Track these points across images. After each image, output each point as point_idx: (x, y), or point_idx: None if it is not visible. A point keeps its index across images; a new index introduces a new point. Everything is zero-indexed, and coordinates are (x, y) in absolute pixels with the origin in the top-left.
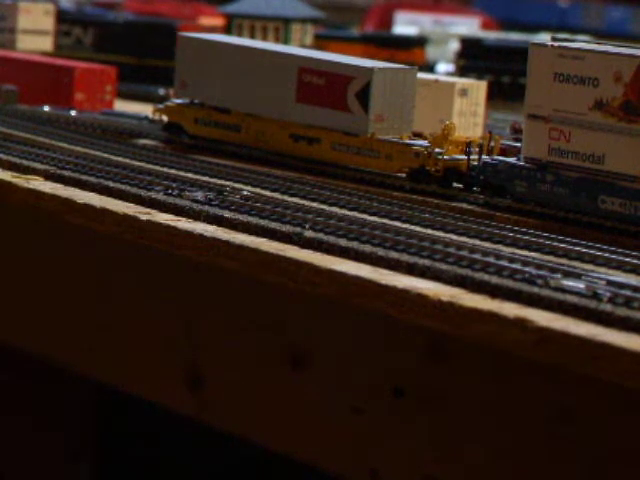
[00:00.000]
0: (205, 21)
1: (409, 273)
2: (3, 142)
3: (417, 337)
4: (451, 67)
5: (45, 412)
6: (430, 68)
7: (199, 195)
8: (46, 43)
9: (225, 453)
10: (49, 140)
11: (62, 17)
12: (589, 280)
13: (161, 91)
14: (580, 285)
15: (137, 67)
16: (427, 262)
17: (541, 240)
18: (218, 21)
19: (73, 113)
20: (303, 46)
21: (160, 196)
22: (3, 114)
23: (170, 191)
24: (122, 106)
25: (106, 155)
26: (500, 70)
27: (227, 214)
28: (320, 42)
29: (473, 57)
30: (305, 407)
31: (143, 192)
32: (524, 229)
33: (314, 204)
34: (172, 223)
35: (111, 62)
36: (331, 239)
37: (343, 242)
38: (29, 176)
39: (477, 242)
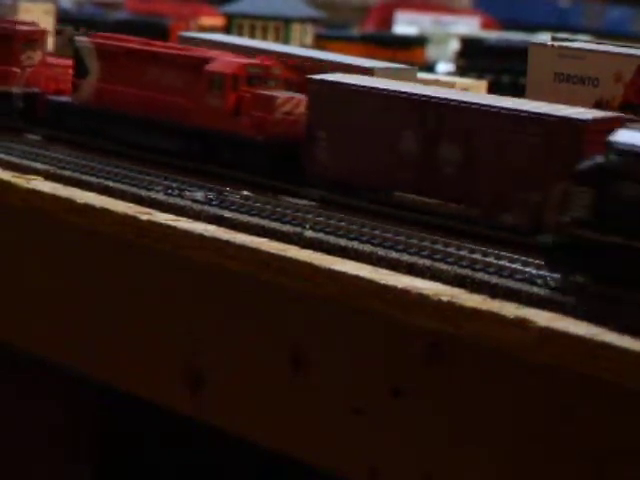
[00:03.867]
0: (205, 21)
1: (409, 273)
2: (3, 142)
3: (417, 337)
4: (451, 67)
5: (45, 412)
6: (430, 68)
7: (199, 195)
8: None
9: (225, 453)
10: None
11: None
12: None
13: None
14: None
15: None
16: (427, 262)
17: None
18: (218, 21)
19: None
20: (303, 46)
21: (160, 196)
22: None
23: (170, 191)
24: None
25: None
26: (500, 70)
27: (227, 214)
28: (320, 42)
29: (473, 57)
30: (305, 407)
31: (143, 192)
32: None
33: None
34: (172, 223)
35: None
36: (331, 239)
37: (343, 242)
38: (29, 176)
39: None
